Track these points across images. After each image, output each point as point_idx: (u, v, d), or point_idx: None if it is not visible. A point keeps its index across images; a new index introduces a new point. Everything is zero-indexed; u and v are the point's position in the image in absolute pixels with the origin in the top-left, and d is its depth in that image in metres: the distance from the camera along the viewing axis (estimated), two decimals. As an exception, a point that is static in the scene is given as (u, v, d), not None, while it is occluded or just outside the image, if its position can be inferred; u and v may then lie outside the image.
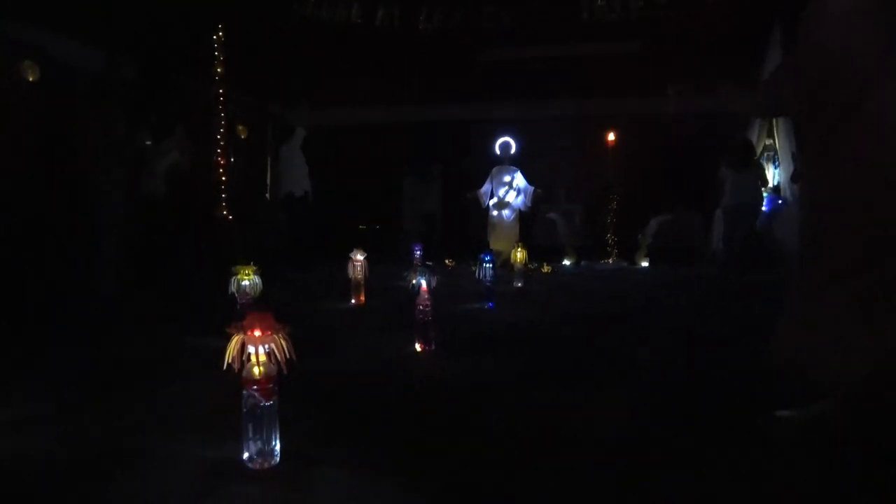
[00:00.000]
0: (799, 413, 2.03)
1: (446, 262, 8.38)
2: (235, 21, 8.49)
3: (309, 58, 10.17)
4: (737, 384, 2.73)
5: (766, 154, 9.17)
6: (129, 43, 7.49)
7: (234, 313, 3.43)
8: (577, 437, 2.10)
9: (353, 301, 5.11)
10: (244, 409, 1.82)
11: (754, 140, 9.01)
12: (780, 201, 8.71)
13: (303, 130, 7.49)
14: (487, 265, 4.89)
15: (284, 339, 1.82)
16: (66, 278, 5.47)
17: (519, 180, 8.40)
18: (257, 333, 1.79)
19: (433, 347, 3.35)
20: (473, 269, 5.17)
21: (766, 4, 8.58)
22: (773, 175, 9.10)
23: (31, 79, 6.40)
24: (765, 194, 8.16)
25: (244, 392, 1.81)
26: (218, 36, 8.40)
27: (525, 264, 6.42)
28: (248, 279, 3.73)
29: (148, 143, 6.42)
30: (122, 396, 2.60)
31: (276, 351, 1.80)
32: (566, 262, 8.69)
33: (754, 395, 2.49)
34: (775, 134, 9.02)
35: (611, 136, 9.14)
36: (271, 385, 1.82)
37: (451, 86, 11.75)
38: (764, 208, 8.53)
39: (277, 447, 1.85)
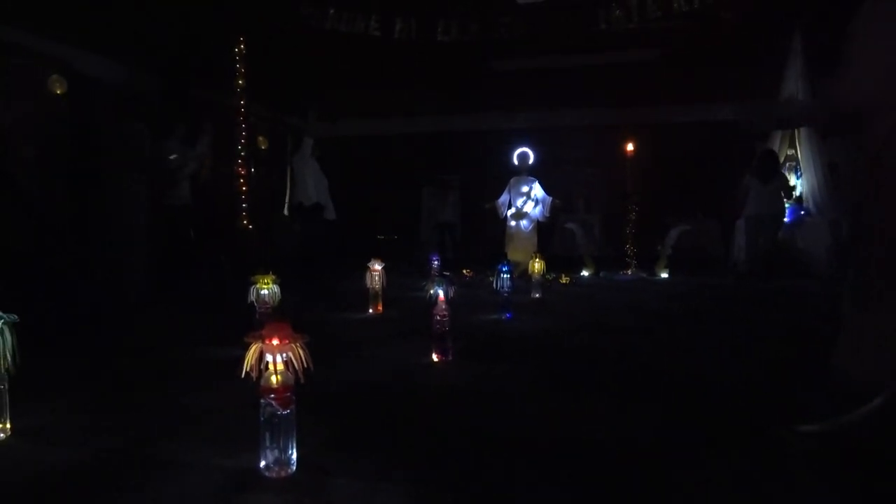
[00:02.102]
0: (820, 426, 2.00)
1: (464, 272, 8.37)
2: (254, 34, 8.62)
3: (327, 69, 10.28)
4: (754, 394, 2.69)
5: (787, 164, 9.07)
6: (150, 56, 7.65)
7: (253, 322, 3.46)
8: (592, 447, 2.08)
9: (370, 311, 5.12)
10: (261, 418, 1.82)
11: (776, 150, 8.93)
12: (802, 212, 8.60)
13: (310, 140, 7.48)
14: (505, 276, 4.88)
15: (302, 348, 1.83)
16: (87, 286, 5.55)
17: (537, 191, 8.38)
18: (275, 342, 1.80)
19: (450, 358, 3.34)
20: (491, 279, 5.15)
21: (786, 15, 8.52)
22: (795, 185, 8.99)
23: (58, 92, 6.55)
24: (787, 205, 8.07)
25: (261, 401, 1.82)
26: (238, 49, 8.53)
27: (543, 275, 6.38)
28: (267, 288, 3.76)
29: (172, 156, 6.51)
30: (141, 404, 2.63)
31: (293, 360, 1.81)
32: (584, 273, 8.63)
33: (772, 406, 2.46)
34: (797, 144, 8.92)
35: (629, 146, 9.08)
36: (289, 394, 1.83)
37: (470, 96, 11.80)
38: (786, 219, 8.45)
39: (294, 456, 1.85)
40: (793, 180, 9.00)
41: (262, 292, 3.75)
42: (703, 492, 1.75)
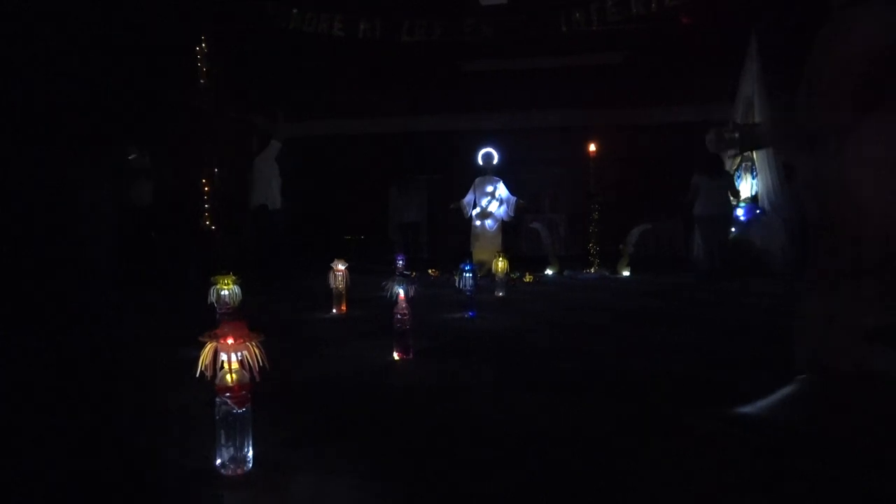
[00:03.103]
0: (737, 412, 2.13)
1: (430, 271, 8.43)
2: (219, 34, 8.55)
3: (293, 70, 10.24)
4: (698, 387, 2.80)
5: (743, 164, 9.33)
6: (116, 55, 7.51)
7: (214, 323, 3.45)
8: (551, 441, 2.15)
9: (334, 311, 5.13)
10: (217, 416, 1.84)
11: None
12: (758, 211, 8.86)
13: (278, 143, 7.43)
14: (467, 275, 4.94)
15: (257, 346, 1.85)
16: (50, 287, 5.44)
17: (501, 190, 8.48)
18: (230, 341, 1.82)
19: (411, 356, 3.39)
20: (455, 278, 5.21)
21: (742, 17, 8.78)
22: (751, 185, 9.26)
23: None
24: (736, 203, 8.29)
25: (217, 399, 1.84)
26: (202, 48, 8.45)
27: (507, 274, 6.47)
28: (227, 289, 3.75)
29: (132, 156, 6.43)
30: (98, 403, 2.62)
31: (248, 358, 1.83)
32: (549, 272, 8.75)
33: (716, 397, 2.56)
34: (753, 145, 9.17)
35: (593, 147, 9.25)
36: (244, 392, 1.85)
37: (435, 97, 11.86)
38: (742, 218, 8.69)
39: (250, 454, 1.87)
40: (749, 180, 9.26)
41: (223, 293, 3.74)
42: (644, 477, 1.83)
